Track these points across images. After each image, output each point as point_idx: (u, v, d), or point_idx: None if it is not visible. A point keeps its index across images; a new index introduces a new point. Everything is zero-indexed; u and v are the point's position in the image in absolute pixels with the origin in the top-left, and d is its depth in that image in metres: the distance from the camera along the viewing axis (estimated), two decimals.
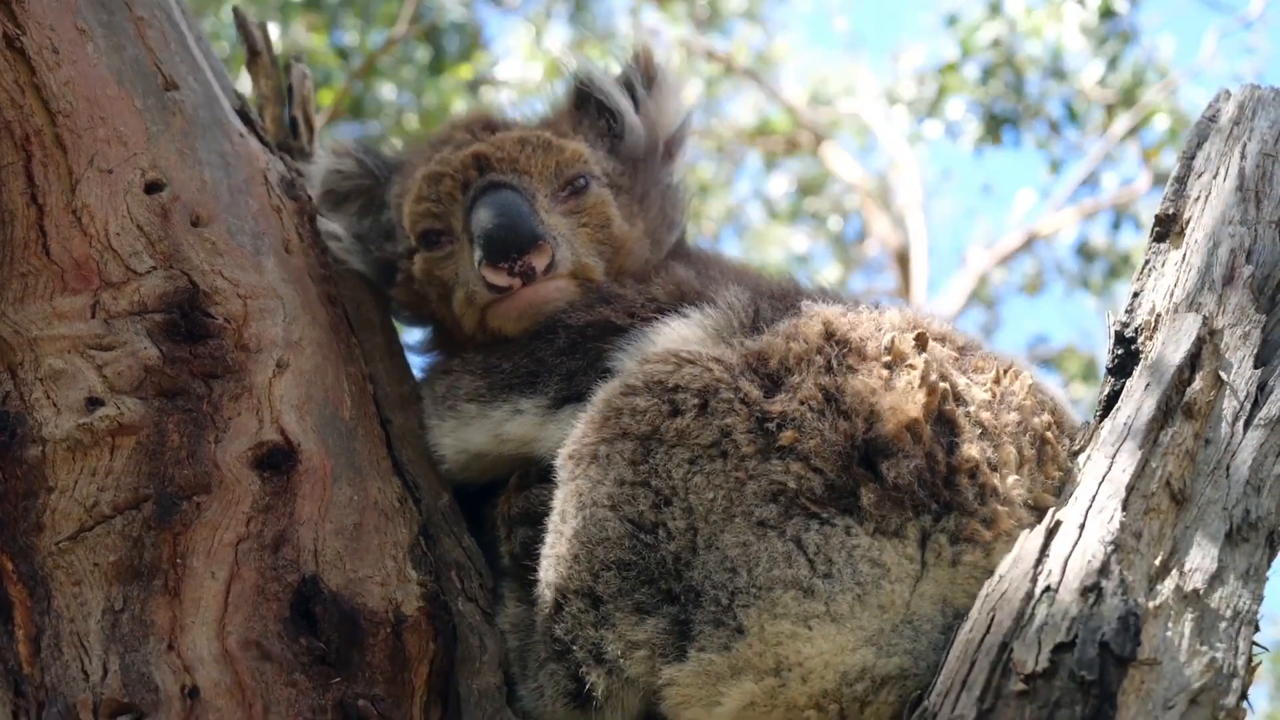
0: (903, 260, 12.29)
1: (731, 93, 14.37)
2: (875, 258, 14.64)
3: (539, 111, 2.69)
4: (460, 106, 9.08)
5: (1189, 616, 1.74)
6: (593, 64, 2.66)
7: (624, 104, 2.60)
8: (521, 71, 10.41)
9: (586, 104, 2.63)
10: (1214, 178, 2.15)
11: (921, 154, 13.13)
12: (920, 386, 2.01)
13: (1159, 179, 11.98)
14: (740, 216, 14.62)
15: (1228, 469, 1.87)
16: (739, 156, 14.55)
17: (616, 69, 2.67)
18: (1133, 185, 12.48)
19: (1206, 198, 2.13)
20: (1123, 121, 11.93)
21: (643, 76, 2.64)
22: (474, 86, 9.76)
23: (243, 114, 2.45)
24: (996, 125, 11.89)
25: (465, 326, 2.46)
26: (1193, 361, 1.94)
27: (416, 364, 2.58)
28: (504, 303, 2.37)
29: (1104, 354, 2.14)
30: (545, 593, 2.08)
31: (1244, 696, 1.74)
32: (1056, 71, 11.62)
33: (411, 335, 2.71)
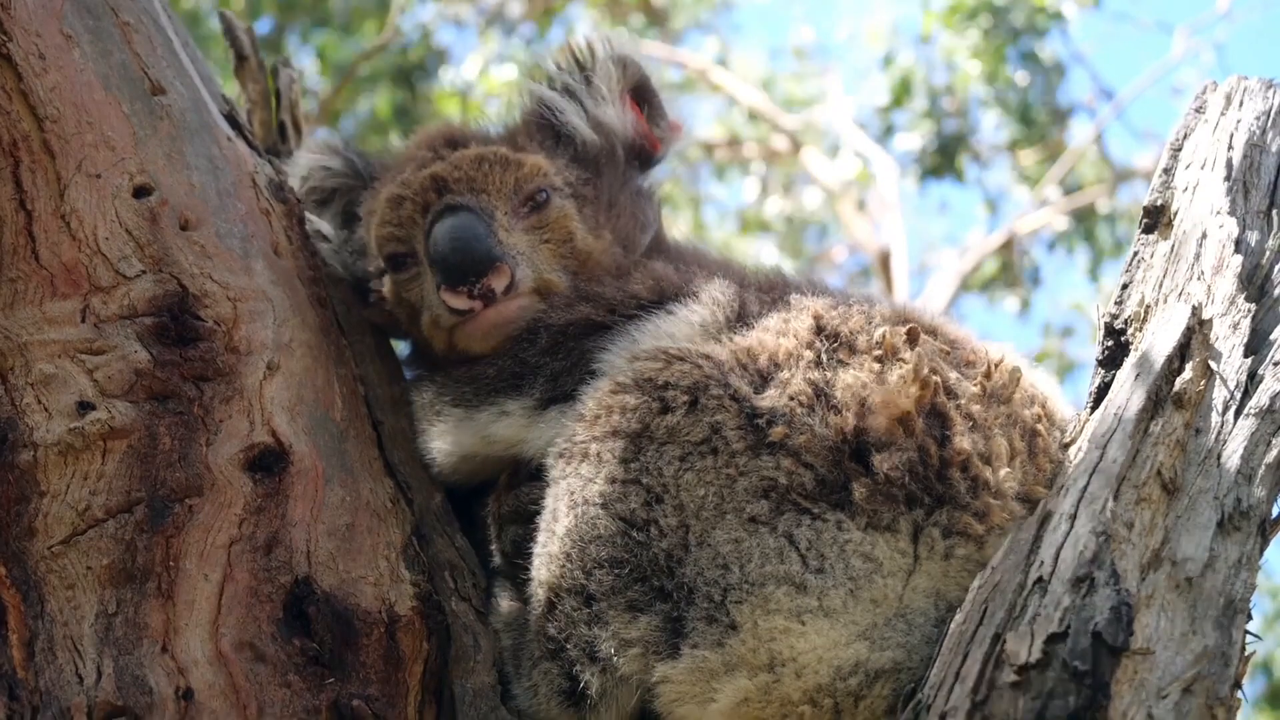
0: (884, 263, 12.28)
1: (694, 102, 14.33)
2: (847, 263, 14.62)
3: (501, 123, 2.67)
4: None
5: (1181, 605, 1.74)
6: (546, 78, 2.62)
7: (574, 120, 2.56)
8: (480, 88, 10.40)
9: (547, 118, 2.59)
10: (1202, 169, 2.15)
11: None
12: (912, 380, 2.01)
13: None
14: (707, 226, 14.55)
15: (1219, 458, 1.87)
16: (699, 166, 14.49)
17: (564, 76, 2.61)
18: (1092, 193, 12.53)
19: (1194, 189, 2.14)
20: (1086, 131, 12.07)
21: (583, 81, 2.60)
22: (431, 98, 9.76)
23: (231, 118, 2.44)
24: (936, 160, 11.95)
25: (436, 347, 2.46)
26: (1182, 351, 1.94)
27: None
28: (468, 324, 2.36)
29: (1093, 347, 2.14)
30: (538, 591, 2.08)
31: (1238, 685, 1.74)
32: (999, 102, 11.68)
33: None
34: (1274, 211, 2.12)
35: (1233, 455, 1.87)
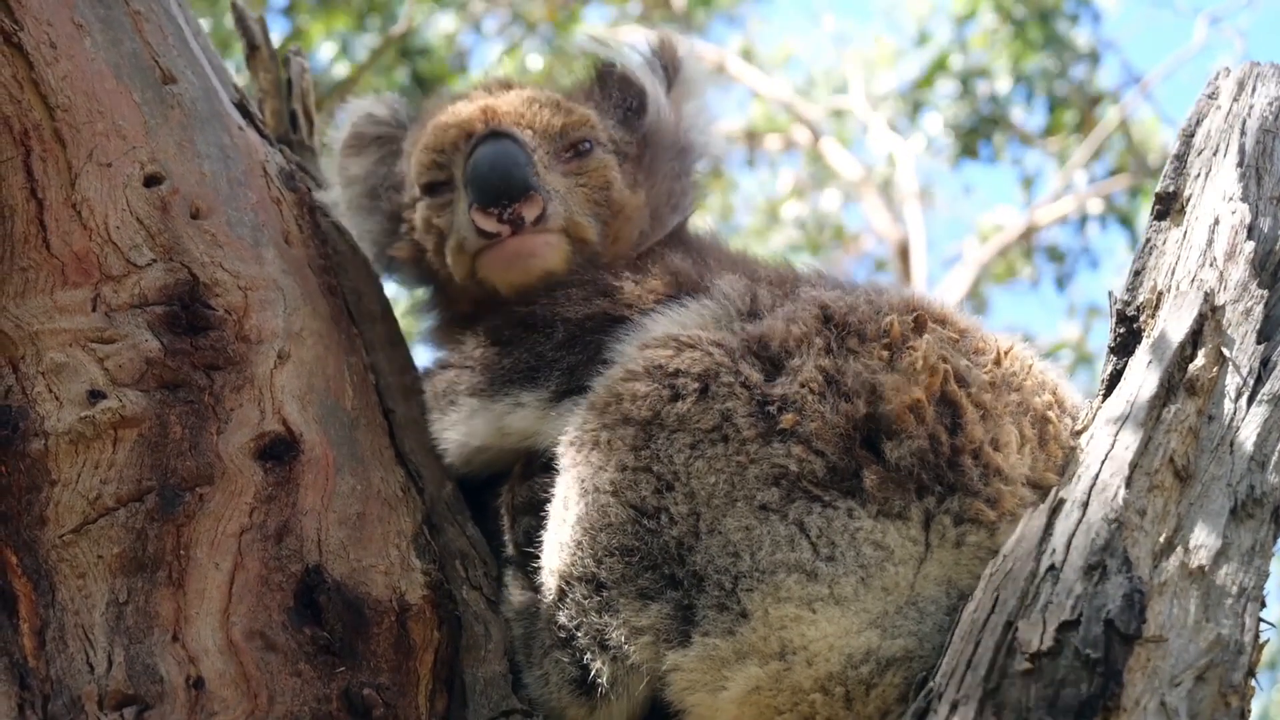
0: (904, 254, 12.25)
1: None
2: (868, 253, 14.59)
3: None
4: None
5: (1194, 593, 1.73)
6: (624, 48, 2.69)
7: (651, 83, 2.61)
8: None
9: (607, 83, 2.65)
10: (1214, 155, 2.14)
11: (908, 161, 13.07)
12: (922, 368, 2.01)
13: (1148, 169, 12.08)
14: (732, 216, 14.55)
15: (1231, 445, 1.86)
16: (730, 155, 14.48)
17: (651, 55, 2.67)
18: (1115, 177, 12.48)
19: (1207, 175, 2.13)
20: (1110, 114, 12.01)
21: (666, 67, 2.66)
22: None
23: (242, 107, 2.45)
24: (972, 139, 11.94)
25: (457, 276, 2.47)
26: (1195, 338, 1.93)
27: (419, 355, 2.59)
28: (492, 250, 2.39)
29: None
30: (549, 580, 2.08)
31: (1251, 673, 1.73)
32: (1026, 78, 11.66)
33: (413, 325, 2.71)
34: None
35: (1246, 442, 1.86)
